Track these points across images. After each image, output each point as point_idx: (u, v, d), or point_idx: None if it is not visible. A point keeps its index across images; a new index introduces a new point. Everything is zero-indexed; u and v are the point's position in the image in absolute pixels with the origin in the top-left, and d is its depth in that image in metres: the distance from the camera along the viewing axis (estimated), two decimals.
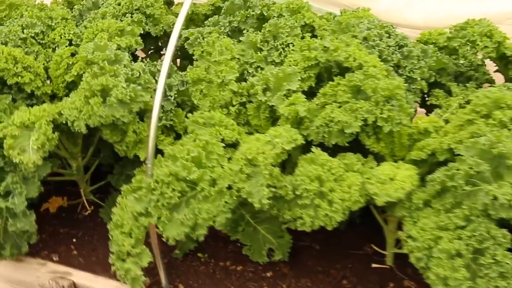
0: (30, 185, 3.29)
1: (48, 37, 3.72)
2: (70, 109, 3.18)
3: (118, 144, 3.27)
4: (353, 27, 3.53)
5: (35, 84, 3.46)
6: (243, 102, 3.22)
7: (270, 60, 3.42)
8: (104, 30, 3.42)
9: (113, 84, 3.06)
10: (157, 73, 3.47)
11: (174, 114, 3.41)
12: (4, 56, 3.38)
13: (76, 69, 3.43)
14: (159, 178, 2.72)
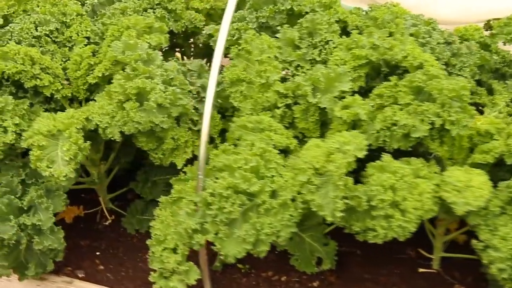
0: (56, 198, 2.92)
1: (63, 35, 3.32)
2: (100, 115, 2.82)
3: (153, 151, 2.94)
4: (389, 23, 3.30)
5: (54, 87, 3.07)
6: (288, 104, 2.95)
7: (309, 59, 3.15)
8: (131, 27, 3.06)
9: (151, 87, 2.72)
10: (188, 73, 3.15)
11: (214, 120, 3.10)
12: (21, 56, 2.97)
13: (100, 70, 3.06)
14: (216, 192, 2.42)
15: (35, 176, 2.99)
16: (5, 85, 3.09)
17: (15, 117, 2.89)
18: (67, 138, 2.71)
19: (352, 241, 3.31)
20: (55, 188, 2.95)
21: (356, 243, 3.32)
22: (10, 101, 2.90)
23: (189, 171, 2.95)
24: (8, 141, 2.82)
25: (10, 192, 2.89)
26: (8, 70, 2.96)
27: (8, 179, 2.92)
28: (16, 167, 2.99)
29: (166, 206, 2.87)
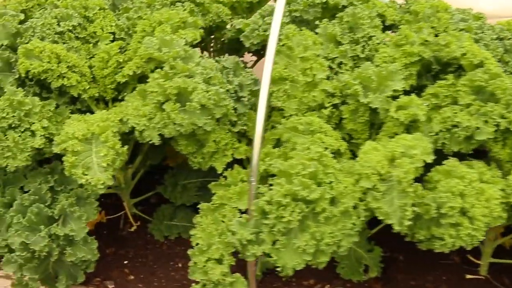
0: (87, 206, 2.69)
1: (86, 30, 3.06)
2: (136, 117, 2.60)
3: (193, 155, 2.72)
4: (430, 18, 3.12)
5: (81, 87, 2.82)
6: (335, 104, 2.75)
7: (352, 55, 2.95)
8: (164, 22, 2.83)
9: (193, 86, 2.50)
10: (223, 70, 2.93)
11: (248, 118, 2.89)
12: (47, 54, 2.72)
13: (130, 67, 2.82)
14: (274, 200, 2.22)
15: (64, 182, 2.76)
16: (28, 85, 2.84)
17: (43, 120, 2.65)
18: (103, 142, 2.47)
19: (393, 246, 3.16)
20: (86, 195, 2.72)
21: (398, 248, 3.19)
22: (37, 103, 2.65)
23: (229, 176, 2.74)
24: (37, 145, 2.58)
25: (39, 200, 2.65)
26: (34, 69, 2.70)
27: (36, 187, 2.68)
28: (44, 173, 2.75)
29: (207, 213, 2.66)
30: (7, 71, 2.83)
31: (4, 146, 2.51)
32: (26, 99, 2.62)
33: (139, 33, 2.87)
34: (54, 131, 2.66)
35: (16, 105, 2.61)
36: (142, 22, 2.87)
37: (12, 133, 2.57)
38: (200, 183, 3.22)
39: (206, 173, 3.14)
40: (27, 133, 2.60)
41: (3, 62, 2.81)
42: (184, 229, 3.22)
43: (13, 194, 2.70)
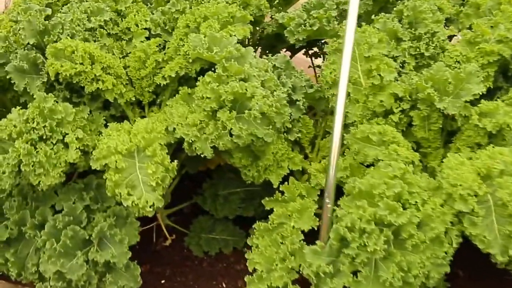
0: (128, 227, 2.32)
1: (119, 26, 2.66)
2: (184, 126, 2.22)
3: (246, 168, 2.35)
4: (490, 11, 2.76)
5: (117, 90, 2.43)
6: (403, 109, 2.39)
7: (414, 54, 2.59)
8: (210, 16, 2.43)
9: (251, 92, 2.13)
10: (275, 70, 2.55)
11: (302, 123, 2.53)
12: (80, 54, 2.32)
13: (173, 68, 2.43)
14: (357, 226, 1.87)
15: (100, 199, 2.38)
16: (58, 89, 2.44)
17: (77, 130, 2.26)
18: (150, 157, 2.09)
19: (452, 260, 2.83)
20: (126, 214, 2.34)
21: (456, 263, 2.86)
22: (70, 111, 2.26)
23: (287, 191, 2.38)
24: (72, 160, 2.19)
25: (73, 221, 2.27)
26: (65, 71, 2.31)
27: (70, 206, 2.30)
28: (78, 189, 2.37)
29: (264, 234, 2.31)
30: (34, 73, 2.43)
31: (35, 162, 2.12)
32: (58, 106, 2.23)
33: (181, 29, 2.47)
34: (89, 142, 2.27)
35: (47, 114, 2.22)
36: (185, 17, 2.48)
37: (43, 146, 2.18)
38: (243, 193, 2.85)
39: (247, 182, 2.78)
40: (60, 145, 2.21)
41: (30, 63, 2.41)
42: (225, 244, 2.86)
43: (44, 214, 2.32)
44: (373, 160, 2.20)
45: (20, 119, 2.21)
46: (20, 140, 2.17)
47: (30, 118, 2.20)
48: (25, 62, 2.40)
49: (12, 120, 2.22)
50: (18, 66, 2.39)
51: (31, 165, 2.12)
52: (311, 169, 2.41)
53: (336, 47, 2.49)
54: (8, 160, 2.12)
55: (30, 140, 2.19)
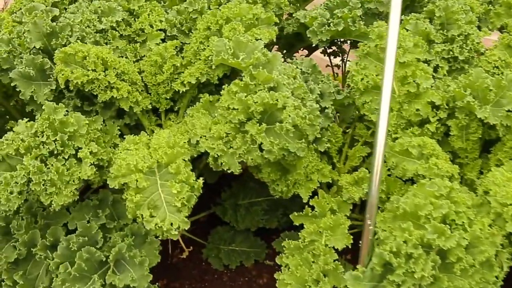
0: (147, 247, 2.09)
1: (131, 27, 2.41)
2: (208, 139, 1.99)
3: (275, 183, 2.13)
4: None
5: (133, 98, 2.19)
6: (440, 118, 2.18)
7: (447, 57, 2.37)
8: (233, 18, 2.19)
9: (283, 102, 1.90)
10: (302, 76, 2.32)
11: (331, 132, 2.31)
12: (92, 60, 2.07)
13: (193, 74, 2.19)
14: (403, 251, 1.66)
15: (115, 216, 2.15)
16: (67, 97, 2.20)
17: (90, 143, 2.02)
18: (174, 174, 1.87)
19: None
20: (144, 233, 2.12)
21: None
22: (83, 122, 2.02)
23: (317, 205, 2.17)
24: (86, 177, 1.95)
25: (89, 242, 2.04)
26: (76, 79, 2.06)
27: (84, 225, 2.07)
28: (92, 207, 2.13)
29: (294, 252, 2.10)
30: (40, 79, 2.18)
31: (46, 180, 1.89)
32: (70, 117, 1.99)
33: (202, 31, 2.23)
34: (104, 156, 2.04)
35: (58, 126, 1.98)
36: (206, 18, 2.23)
37: (54, 161, 1.94)
38: (266, 203, 2.64)
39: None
40: (72, 160, 1.97)
41: (36, 69, 2.16)
42: (247, 256, 2.65)
43: (55, 234, 2.09)
44: (413, 175, 1.99)
45: (28, 132, 1.97)
46: (29, 156, 1.93)
47: (39, 131, 1.96)
48: (31, 68, 2.15)
49: (20, 133, 1.98)
50: (24, 72, 2.14)
51: (41, 184, 1.89)
52: (342, 182, 2.20)
53: (367, 51, 2.26)
54: (16, 179, 1.89)
55: (40, 156, 1.95)
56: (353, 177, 2.20)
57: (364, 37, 2.65)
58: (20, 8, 2.54)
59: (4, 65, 2.20)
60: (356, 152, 2.35)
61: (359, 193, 2.11)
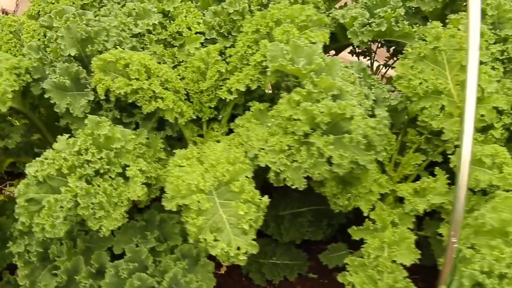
0: (201, 270, 1.89)
1: (167, 29, 2.19)
2: (268, 152, 1.79)
3: (336, 197, 1.95)
4: None
5: (178, 109, 1.98)
6: (504, 123, 2.03)
7: (502, 58, 2.22)
8: (283, 20, 1.99)
9: (351, 112, 1.71)
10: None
11: (387, 141, 2.14)
12: (136, 68, 1.85)
13: (242, 81, 1.99)
14: (496, 271, 1.51)
15: (163, 237, 1.94)
16: (105, 109, 1.97)
17: (138, 160, 1.80)
18: (237, 193, 1.67)
19: None
20: (196, 254, 1.91)
21: None
22: (129, 137, 1.79)
23: (378, 218, 2.00)
24: (136, 197, 1.73)
25: (139, 268, 1.82)
26: (119, 89, 1.84)
27: (133, 249, 1.85)
28: (139, 228, 1.92)
29: (358, 270, 1.92)
30: (75, 89, 1.95)
31: (94, 203, 1.67)
32: (116, 132, 1.76)
33: (250, 34, 2.02)
34: (153, 174, 1.82)
35: (103, 142, 1.75)
36: (254, 20, 2.02)
37: (100, 182, 1.72)
38: (310, 214, 2.46)
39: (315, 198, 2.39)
40: (119, 180, 1.75)
41: (71, 78, 1.93)
42: (290, 270, 2.47)
43: (100, 259, 1.87)
44: (486, 186, 1.84)
45: (70, 150, 1.74)
46: (73, 176, 1.70)
47: (83, 148, 1.74)
48: (66, 77, 1.91)
49: (60, 151, 1.75)
50: (58, 82, 1.90)
51: (90, 208, 1.67)
52: (402, 193, 2.04)
53: (424, 53, 2.09)
54: (61, 203, 1.66)
55: (85, 176, 1.72)
56: (414, 187, 2.03)
57: (406, 37, 2.49)
58: (49, 11, 2.30)
59: (35, 74, 1.97)
60: (411, 159, 2.18)
61: (424, 204, 1.95)
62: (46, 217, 1.67)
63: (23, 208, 1.71)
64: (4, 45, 2.32)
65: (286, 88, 2.12)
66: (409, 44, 2.39)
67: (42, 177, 1.71)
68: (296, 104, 1.78)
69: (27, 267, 1.94)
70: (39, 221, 1.67)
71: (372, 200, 2.00)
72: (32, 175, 1.71)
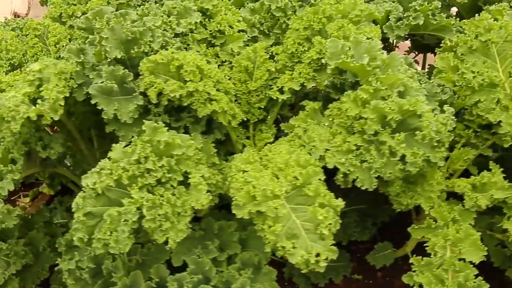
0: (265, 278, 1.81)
1: (206, 28, 2.08)
2: (335, 154, 1.72)
3: (398, 196, 1.89)
4: None
5: (231, 111, 1.88)
6: None
7: None
8: (335, 15, 1.91)
9: (421, 108, 1.66)
10: None
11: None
12: (190, 69, 1.74)
13: (296, 79, 1.90)
14: None
15: (222, 246, 1.85)
16: (154, 113, 1.85)
17: (199, 166, 1.70)
18: (312, 197, 1.59)
19: None
20: (257, 261, 1.82)
21: None
22: (189, 142, 1.69)
23: (439, 216, 1.95)
24: (200, 206, 1.63)
25: (203, 280, 1.72)
26: (173, 92, 1.73)
27: (195, 260, 1.75)
28: (198, 238, 1.82)
29: (424, 270, 1.87)
30: (121, 94, 1.83)
31: (160, 215, 1.56)
32: (176, 138, 1.66)
33: (302, 31, 1.93)
34: (213, 180, 1.72)
35: (163, 150, 1.64)
36: (306, 17, 1.93)
37: (163, 191, 1.61)
38: (356, 214, 2.39)
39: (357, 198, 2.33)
40: (180, 188, 1.64)
41: (118, 82, 1.80)
42: (336, 273, 2.40)
43: (160, 273, 1.76)
44: None
45: (129, 159, 1.62)
46: (135, 187, 1.59)
47: (142, 156, 1.62)
48: (113, 82, 1.79)
49: (118, 161, 1.63)
50: (105, 87, 1.78)
51: (157, 220, 1.56)
52: (460, 188, 1.99)
53: (476, 46, 2.05)
54: (126, 216, 1.54)
55: (146, 186, 1.61)
56: (471, 182, 2.00)
57: (443, 30, 2.45)
58: (71, 13, 2.17)
59: (78, 79, 1.83)
60: (462, 154, 2.14)
61: (486, 199, 1.92)
62: (109, 231, 1.55)
63: (81, 223, 1.58)
64: (29, 50, 2.18)
65: (332, 86, 2.05)
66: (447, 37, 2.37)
67: (101, 189, 1.59)
68: (363, 102, 1.71)
69: (78, 284, 1.81)
70: (101, 236, 1.55)
71: (433, 197, 1.95)
72: (90, 187, 1.58)
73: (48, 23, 2.21)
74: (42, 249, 2.19)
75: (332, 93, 2.06)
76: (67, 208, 2.75)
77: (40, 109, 1.59)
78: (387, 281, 2.43)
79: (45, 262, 2.19)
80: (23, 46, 2.21)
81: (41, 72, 1.70)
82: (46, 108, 1.60)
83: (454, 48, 2.24)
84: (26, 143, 1.83)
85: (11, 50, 2.17)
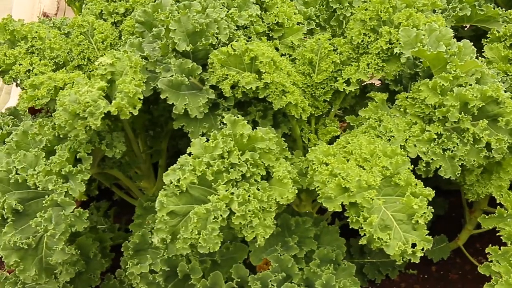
0: (345, 274, 1.77)
1: (263, 20, 2.04)
2: (416, 143, 1.70)
3: (473, 185, 1.88)
4: None
5: (302, 104, 1.84)
6: None
7: None
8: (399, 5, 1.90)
9: (502, 95, 1.66)
10: None
11: None
12: (266, 60, 1.70)
13: (364, 69, 1.88)
14: None
15: (299, 242, 1.80)
16: (223, 107, 1.80)
17: (281, 161, 1.65)
18: (403, 187, 1.56)
19: None
20: (335, 257, 1.79)
21: None
22: (269, 135, 1.63)
23: (510, 205, 1.95)
24: (286, 201, 1.58)
25: (287, 278, 1.68)
26: (248, 84, 1.69)
27: (277, 258, 1.70)
28: (276, 235, 1.77)
29: (500, 259, 1.86)
30: (191, 88, 1.77)
31: (250, 211, 1.51)
32: (258, 131, 1.61)
33: (369, 22, 1.91)
34: (294, 174, 1.68)
35: (246, 143, 1.60)
36: (372, 7, 1.91)
37: (248, 187, 1.56)
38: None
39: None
40: (264, 183, 1.60)
41: (186, 76, 1.74)
42: (392, 268, 2.37)
43: (240, 272, 1.71)
44: None
45: (211, 154, 1.57)
46: (220, 182, 1.54)
47: (225, 151, 1.57)
48: (183, 75, 1.73)
49: (200, 156, 1.57)
50: (175, 81, 1.72)
51: (247, 216, 1.51)
52: None
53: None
54: (215, 213, 1.49)
55: (232, 182, 1.56)
56: None
57: (488, 21, 2.47)
58: (112, 10, 2.11)
59: (144, 73, 1.76)
60: None
61: None
62: (196, 231, 1.49)
63: (163, 223, 1.52)
64: (75, 48, 2.10)
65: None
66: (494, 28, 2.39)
67: (186, 185, 1.53)
68: (442, 90, 1.70)
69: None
70: (188, 235, 1.49)
71: (504, 186, 1.95)
72: (174, 184, 1.52)
73: (92, 20, 2.13)
74: (92, 255, 2.10)
75: (392, 85, 2.06)
76: (104, 213, 2.67)
77: (120, 103, 1.52)
78: (441, 275, 2.43)
79: (96, 268, 2.11)
80: (67, 44, 2.13)
81: (113, 66, 1.64)
82: (126, 102, 1.54)
83: (503, 39, 2.27)
84: (90, 142, 1.76)
85: (55, 49, 2.08)
